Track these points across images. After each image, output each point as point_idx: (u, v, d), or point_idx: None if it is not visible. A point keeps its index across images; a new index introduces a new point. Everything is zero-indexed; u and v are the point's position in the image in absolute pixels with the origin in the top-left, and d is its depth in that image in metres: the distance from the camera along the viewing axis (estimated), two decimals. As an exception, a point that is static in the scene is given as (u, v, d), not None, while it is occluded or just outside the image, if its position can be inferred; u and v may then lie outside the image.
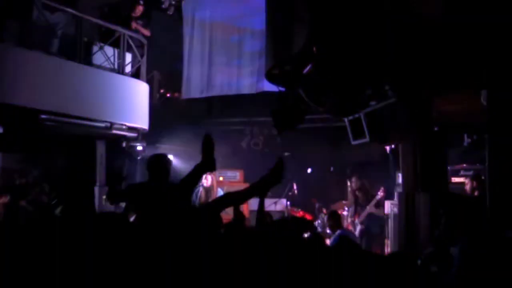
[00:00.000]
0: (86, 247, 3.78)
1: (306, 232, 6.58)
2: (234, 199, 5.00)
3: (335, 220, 7.97)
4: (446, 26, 4.65)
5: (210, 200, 10.20)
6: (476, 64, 5.23)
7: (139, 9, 11.45)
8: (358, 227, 10.05)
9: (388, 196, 10.02)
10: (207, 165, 4.91)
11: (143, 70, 11.15)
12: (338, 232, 7.73)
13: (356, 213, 10.25)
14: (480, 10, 4.56)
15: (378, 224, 9.77)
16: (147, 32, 11.39)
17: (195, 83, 12.95)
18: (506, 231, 4.64)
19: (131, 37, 10.64)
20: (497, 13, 4.56)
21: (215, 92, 12.78)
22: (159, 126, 11.96)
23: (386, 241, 9.61)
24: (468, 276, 3.85)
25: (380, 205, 9.78)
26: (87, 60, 9.73)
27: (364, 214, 10.02)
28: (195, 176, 4.99)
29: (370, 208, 9.97)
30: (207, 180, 9.69)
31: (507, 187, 5.28)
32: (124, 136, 10.65)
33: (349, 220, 10.45)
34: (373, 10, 4.78)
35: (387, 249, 9.45)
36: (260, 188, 4.84)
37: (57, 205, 8.63)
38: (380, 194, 9.99)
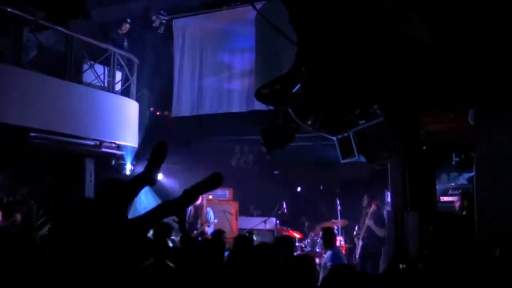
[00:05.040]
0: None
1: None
2: (171, 207, 4.70)
3: (329, 238, 7.87)
4: (434, 48, 4.72)
5: (200, 218, 10.19)
6: (463, 84, 5.30)
7: (126, 27, 11.52)
8: (360, 243, 10.04)
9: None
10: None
11: (133, 88, 11.18)
12: (329, 252, 7.67)
13: (360, 229, 10.25)
14: (465, 34, 4.64)
15: (377, 243, 9.71)
16: None
17: (185, 101, 12.98)
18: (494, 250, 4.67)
19: (121, 55, 10.68)
20: (482, 37, 4.64)
21: (205, 110, 12.80)
22: (148, 144, 11.93)
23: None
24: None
25: (383, 225, 9.70)
26: (77, 78, 9.74)
27: (363, 229, 10.02)
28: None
29: (368, 222, 9.94)
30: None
31: (494, 205, 5.32)
32: (113, 154, 10.63)
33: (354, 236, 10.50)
34: (361, 31, 4.84)
35: (380, 269, 9.43)
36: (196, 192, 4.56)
37: (44, 224, 8.58)
38: (373, 207, 10.00)
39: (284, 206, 12.42)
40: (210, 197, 12.03)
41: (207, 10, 12.68)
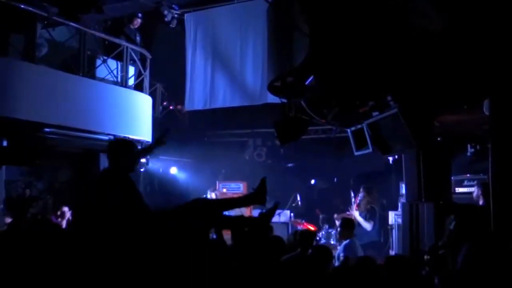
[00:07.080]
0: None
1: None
2: (213, 206, 4.87)
3: (347, 228, 7.80)
4: (448, 38, 4.68)
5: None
6: (477, 74, 5.24)
7: (137, 22, 11.53)
8: None
9: (392, 207, 9.95)
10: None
11: (146, 82, 11.20)
12: (344, 243, 7.65)
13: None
14: (479, 23, 4.59)
15: (364, 236, 9.59)
16: None
17: (198, 95, 13.00)
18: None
19: (134, 50, 10.70)
20: (497, 26, 4.58)
21: (218, 104, 12.81)
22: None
23: (390, 251, 9.56)
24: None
25: (371, 218, 9.59)
26: (90, 73, 9.78)
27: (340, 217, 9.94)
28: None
29: (353, 211, 9.86)
30: (211, 196, 9.73)
31: (510, 195, 5.27)
32: (127, 148, 10.66)
33: None
34: (374, 23, 4.80)
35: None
36: (242, 204, 4.84)
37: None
38: (357, 200, 9.97)
39: (298, 198, 12.42)
40: (224, 190, 12.06)
41: (218, 3, 12.68)
